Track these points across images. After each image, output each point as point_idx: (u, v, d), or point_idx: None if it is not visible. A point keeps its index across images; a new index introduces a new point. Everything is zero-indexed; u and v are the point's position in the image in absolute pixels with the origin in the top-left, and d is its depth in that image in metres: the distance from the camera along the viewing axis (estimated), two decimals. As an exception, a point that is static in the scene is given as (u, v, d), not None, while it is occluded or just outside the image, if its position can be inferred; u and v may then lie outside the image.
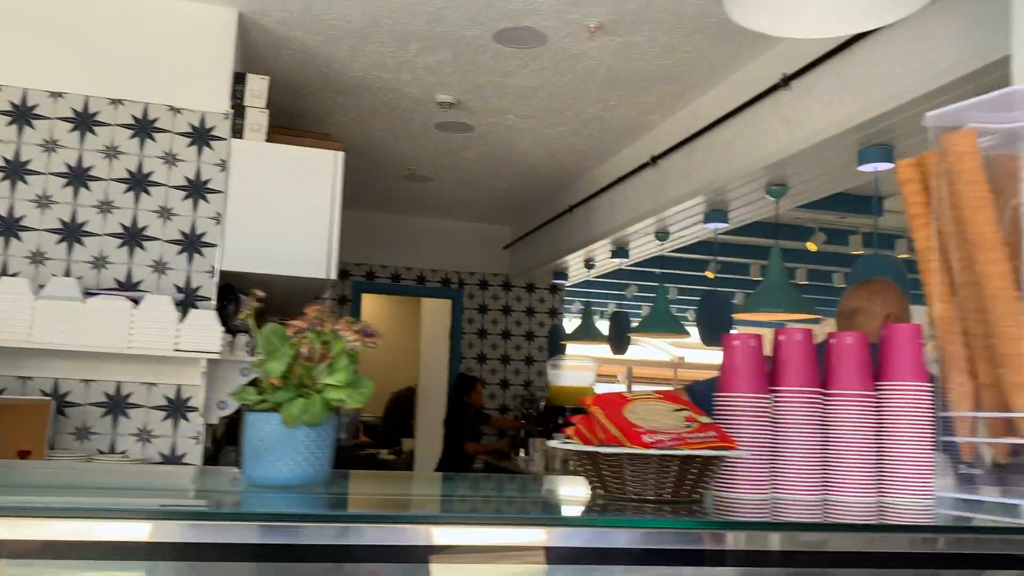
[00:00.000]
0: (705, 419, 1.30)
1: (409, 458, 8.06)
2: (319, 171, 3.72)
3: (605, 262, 6.87)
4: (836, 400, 1.42)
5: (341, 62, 4.30)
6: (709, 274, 8.36)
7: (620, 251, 6.38)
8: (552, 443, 1.38)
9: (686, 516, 1.20)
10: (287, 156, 3.73)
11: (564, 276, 7.66)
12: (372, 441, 8.48)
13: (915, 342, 1.45)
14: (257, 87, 3.73)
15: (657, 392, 1.36)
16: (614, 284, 10.05)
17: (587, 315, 7.15)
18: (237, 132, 3.69)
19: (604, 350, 7.12)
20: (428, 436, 7.80)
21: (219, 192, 3.59)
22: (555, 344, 7.68)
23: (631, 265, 7.34)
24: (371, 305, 8.96)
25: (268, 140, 3.77)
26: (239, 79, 3.73)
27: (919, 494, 1.41)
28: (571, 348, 7.63)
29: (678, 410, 1.31)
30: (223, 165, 3.62)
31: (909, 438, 1.41)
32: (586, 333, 7.07)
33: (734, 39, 3.83)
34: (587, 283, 8.59)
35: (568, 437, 1.35)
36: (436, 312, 8.21)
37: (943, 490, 1.48)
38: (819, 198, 4.54)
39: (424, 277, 7.80)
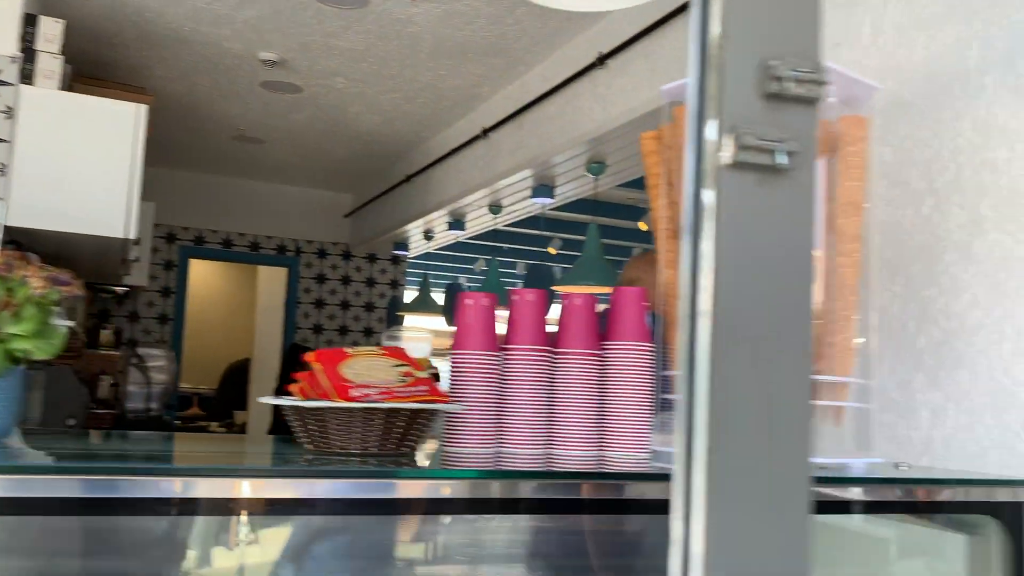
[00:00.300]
0: (423, 374, 1.32)
1: (241, 430, 7.84)
2: (119, 124, 3.51)
3: (444, 234, 6.88)
4: (562, 359, 1.48)
5: (153, 11, 4.07)
6: (551, 250, 8.55)
7: (457, 223, 6.41)
8: (263, 399, 1.36)
9: (392, 467, 1.22)
10: (84, 107, 3.50)
11: (405, 247, 7.62)
12: (205, 413, 8.20)
13: (639, 305, 1.52)
14: (50, 31, 3.47)
15: (382, 348, 1.36)
16: (462, 257, 10.09)
17: (424, 287, 7.16)
18: (27, 78, 3.42)
19: (441, 322, 7.15)
20: (262, 408, 7.61)
21: (5, 141, 3.33)
22: (393, 315, 7.65)
23: (477, 239, 7.38)
24: (202, 272, 8.61)
25: (70, 89, 3.52)
26: (30, 21, 3.45)
27: (637, 447, 1.49)
28: (409, 319, 7.62)
29: (398, 365, 1.32)
30: (9, 112, 3.35)
31: (629, 395, 1.48)
32: (423, 305, 7.07)
33: (555, 15, 3.89)
34: (433, 255, 8.58)
35: (292, 394, 1.34)
36: (273, 281, 7.99)
37: (662, 445, 1.57)
38: (636, 178, 4.70)
39: (259, 244, 7.55)
